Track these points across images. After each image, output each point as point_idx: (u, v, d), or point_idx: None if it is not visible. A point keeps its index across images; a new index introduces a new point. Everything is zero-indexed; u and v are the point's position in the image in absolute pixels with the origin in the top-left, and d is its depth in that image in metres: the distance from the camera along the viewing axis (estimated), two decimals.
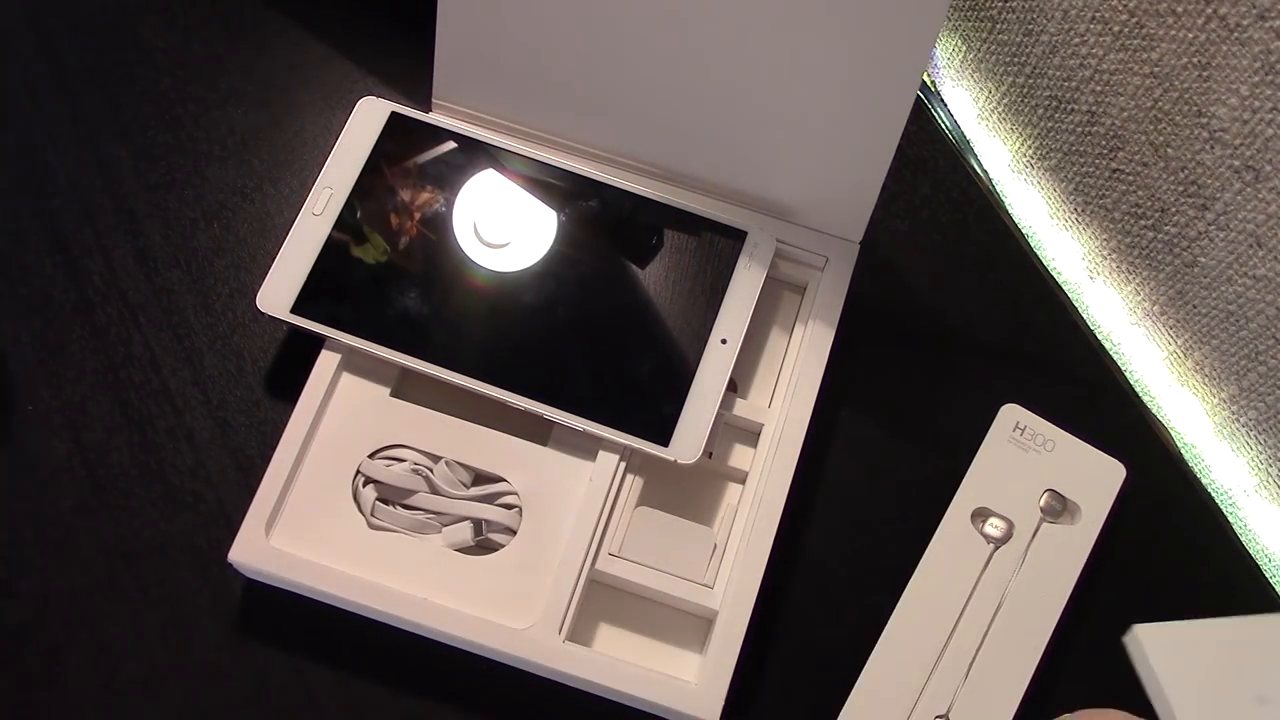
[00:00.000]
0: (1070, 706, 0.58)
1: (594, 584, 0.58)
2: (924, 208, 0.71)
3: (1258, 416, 0.63)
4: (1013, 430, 0.63)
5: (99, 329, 0.64)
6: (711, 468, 0.62)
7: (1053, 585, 0.60)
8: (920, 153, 0.73)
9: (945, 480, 0.62)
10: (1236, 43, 0.53)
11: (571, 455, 0.59)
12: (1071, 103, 0.67)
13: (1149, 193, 0.64)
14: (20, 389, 0.62)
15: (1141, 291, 0.68)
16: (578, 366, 0.60)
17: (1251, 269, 0.59)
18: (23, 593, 0.58)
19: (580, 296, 0.62)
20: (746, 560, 0.57)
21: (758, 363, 0.65)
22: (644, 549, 0.58)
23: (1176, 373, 0.69)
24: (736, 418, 0.62)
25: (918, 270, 0.70)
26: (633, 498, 0.59)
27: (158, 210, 0.67)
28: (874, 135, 0.60)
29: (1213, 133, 0.57)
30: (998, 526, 0.61)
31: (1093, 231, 0.71)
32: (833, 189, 0.63)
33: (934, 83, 0.79)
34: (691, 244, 0.63)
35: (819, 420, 0.62)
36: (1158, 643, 0.58)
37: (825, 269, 0.65)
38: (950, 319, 0.68)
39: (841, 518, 0.63)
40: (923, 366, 0.67)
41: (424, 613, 0.55)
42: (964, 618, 0.59)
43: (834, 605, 0.61)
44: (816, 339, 0.63)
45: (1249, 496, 0.67)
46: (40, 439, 0.61)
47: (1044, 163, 0.72)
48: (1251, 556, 0.64)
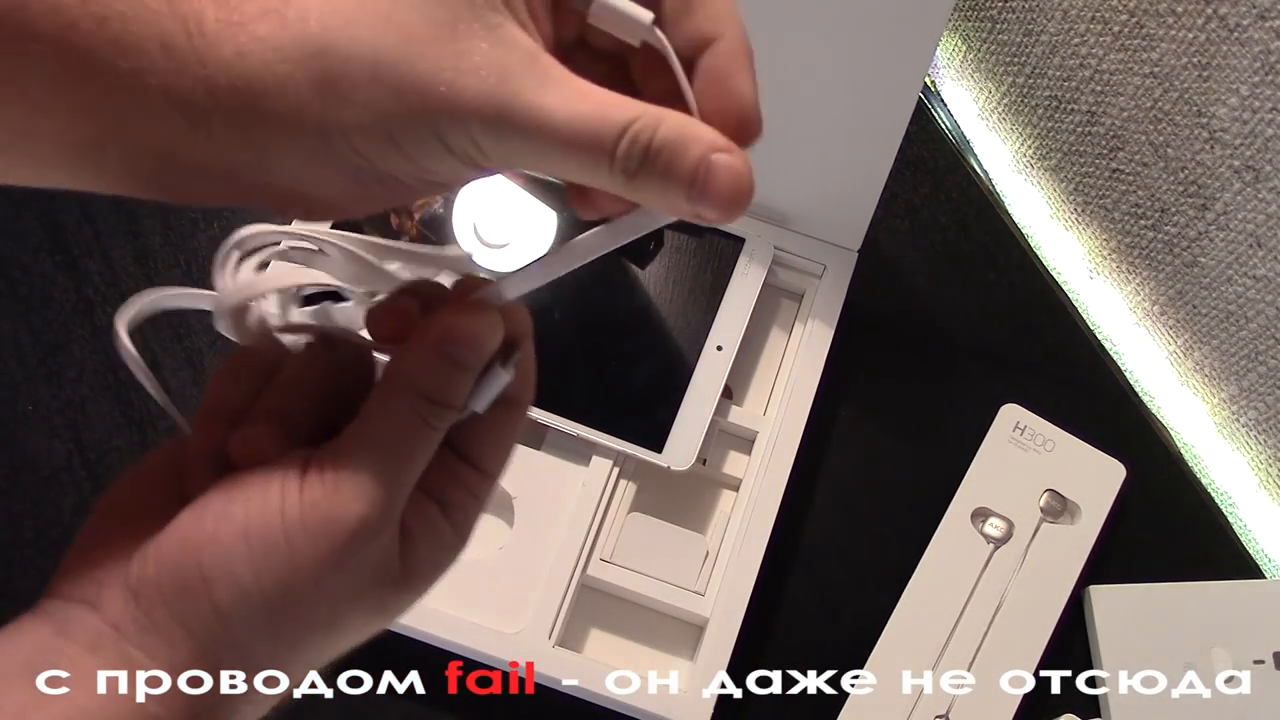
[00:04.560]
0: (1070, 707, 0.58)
1: (585, 589, 0.58)
2: (924, 208, 0.71)
3: (1258, 416, 0.63)
4: (1013, 430, 0.63)
5: (99, 329, 0.64)
6: (705, 474, 0.62)
7: (1053, 585, 0.60)
8: (920, 153, 0.72)
9: (945, 480, 0.62)
10: (1236, 43, 0.53)
11: (565, 460, 0.59)
12: (1071, 103, 0.67)
13: (1149, 193, 0.64)
14: (20, 389, 0.62)
15: (1141, 291, 0.68)
16: (572, 371, 0.60)
17: (1251, 269, 0.59)
18: (23, 592, 0.58)
19: (576, 301, 0.62)
20: (738, 567, 0.57)
21: (754, 370, 0.65)
22: (636, 555, 0.58)
23: (1177, 373, 0.69)
24: (731, 424, 0.61)
25: (918, 270, 0.69)
26: (625, 503, 0.59)
27: (158, 210, 0.67)
28: (873, 145, 0.60)
29: (1213, 133, 0.57)
30: (998, 526, 0.61)
31: (1093, 231, 0.71)
32: (831, 197, 0.63)
33: (934, 83, 0.79)
34: (689, 249, 0.63)
35: (818, 420, 0.62)
36: (1106, 604, 0.59)
37: (823, 276, 0.65)
38: (950, 319, 0.68)
39: (841, 518, 0.63)
40: (923, 367, 0.67)
41: (415, 616, 0.55)
42: (964, 618, 0.59)
43: (834, 605, 0.61)
44: (813, 347, 0.63)
45: (1249, 496, 0.67)
46: (40, 439, 0.61)
47: (1044, 163, 0.72)
48: (1251, 556, 0.63)
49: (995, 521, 0.61)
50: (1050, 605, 0.59)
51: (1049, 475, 0.62)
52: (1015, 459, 0.62)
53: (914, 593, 0.59)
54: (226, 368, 0.32)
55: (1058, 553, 0.60)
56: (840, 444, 0.64)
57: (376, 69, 0.26)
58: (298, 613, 0.29)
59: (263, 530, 0.28)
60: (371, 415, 0.30)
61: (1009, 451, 0.63)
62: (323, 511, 0.28)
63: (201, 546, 0.28)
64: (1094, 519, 0.61)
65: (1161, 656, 0.58)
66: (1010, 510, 0.61)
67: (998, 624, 0.59)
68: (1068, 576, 0.60)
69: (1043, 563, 0.60)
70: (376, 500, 0.29)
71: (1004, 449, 0.63)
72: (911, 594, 0.59)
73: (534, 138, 0.27)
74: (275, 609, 0.29)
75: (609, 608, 0.59)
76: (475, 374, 0.30)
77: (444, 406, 0.30)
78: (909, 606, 0.59)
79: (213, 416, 0.31)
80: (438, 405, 0.30)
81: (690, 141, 0.27)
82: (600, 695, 0.55)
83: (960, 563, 0.60)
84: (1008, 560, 0.60)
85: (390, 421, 0.29)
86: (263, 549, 0.28)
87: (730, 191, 0.27)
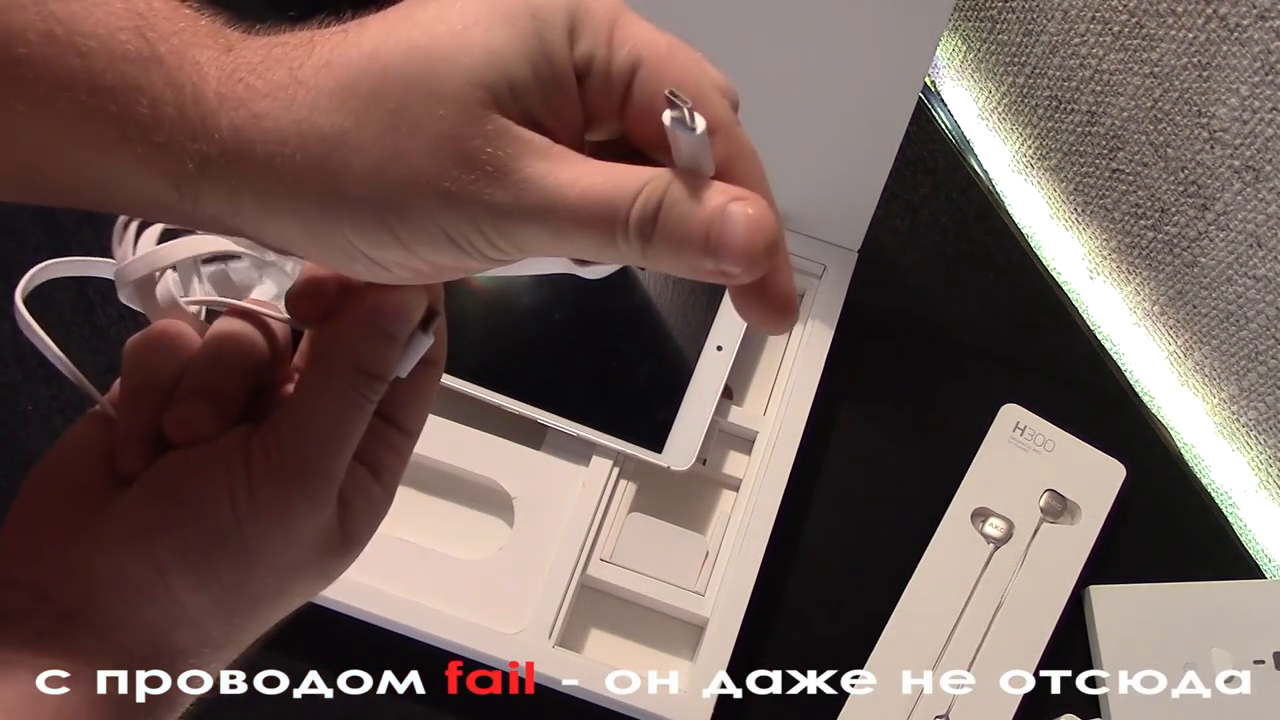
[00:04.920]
0: (1070, 707, 0.58)
1: (585, 589, 0.58)
2: (924, 208, 0.71)
3: (1258, 416, 0.63)
4: (1013, 430, 0.63)
5: (99, 329, 0.64)
6: (705, 475, 0.62)
7: (1053, 585, 0.60)
8: (920, 153, 0.72)
9: (945, 480, 0.62)
10: (1236, 43, 0.53)
11: (565, 460, 0.59)
12: (1071, 103, 0.67)
13: (1149, 193, 0.64)
14: (20, 389, 0.62)
15: (1141, 291, 0.68)
16: (572, 371, 0.60)
17: (1251, 269, 0.59)
18: None
19: (576, 301, 0.62)
20: (738, 567, 0.57)
21: (754, 370, 0.65)
22: (636, 555, 0.58)
23: (1177, 373, 0.69)
24: (731, 425, 0.61)
25: (918, 270, 0.69)
26: (625, 504, 0.59)
27: None
28: (873, 145, 0.60)
29: (1213, 133, 0.57)
30: (998, 526, 0.61)
31: (1093, 231, 0.70)
32: (831, 198, 0.63)
33: (934, 83, 0.79)
34: None
35: (818, 421, 0.62)
36: (1106, 604, 0.59)
37: (823, 277, 0.65)
38: (950, 319, 0.68)
39: (841, 518, 0.63)
40: (923, 367, 0.67)
41: (415, 616, 0.55)
42: (964, 618, 0.59)
43: (834, 605, 0.61)
44: (813, 347, 0.63)
45: (1249, 496, 0.67)
46: (40, 439, 0.61)
47: (1044, 163, 0.72)
48: (1251, 556, 0.63)
49: (995, 521, 0.61)
50: (1050, 605, 0.59)
51: (1049, 475, 0.62)
52: (1015, 459, 0.62)
53: (914, 593, 0.59)
54: (142, 343, 0.32)
55: (1058, 553, 0.60)
56: (840, 444, 0.64)
57: (383, 165, 0.25)
58: (248, 589, 0.30)
59: (212, 516, 0.29)
60: (309, 393, 0.31)
61: (1009, 451, 0.63)
62: (271, 494, 0.29)
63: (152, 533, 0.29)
64: (1094, 519, 0.61)
65: (1161, 656, 0.58)
66: (1010, 510, 0.61)
67: (998, 624, 0.59)
68: (1068, 576, 0.60)
69: (1043, 563, 0.60)
70: (322, 479, 0.30)
71: (1004, 449, 0.63)
72: (911, 594, 0.59)
73: (544, 221, 0.26)
74: (229, 589, 0.29)
75: (609, 608, 0.59)
76: (403, 344, 0.31)
77: (378, 379, 0.31)
78: (909, 606, 0.59)
79: (138, 393, 0.31)
80: (372, 378, 0.31)
81: (702, 193, 0.26)
82: (600, 695, 0.55)
83: (960, 563, 0.60)
84: (1008, 560, 0.60)
85: (329, 399, 0.30)
86: (215, 535, 0.29)
87: (748, 240, 0.25)
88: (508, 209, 0.26)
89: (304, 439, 0.30)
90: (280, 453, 0.29)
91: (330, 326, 0.31)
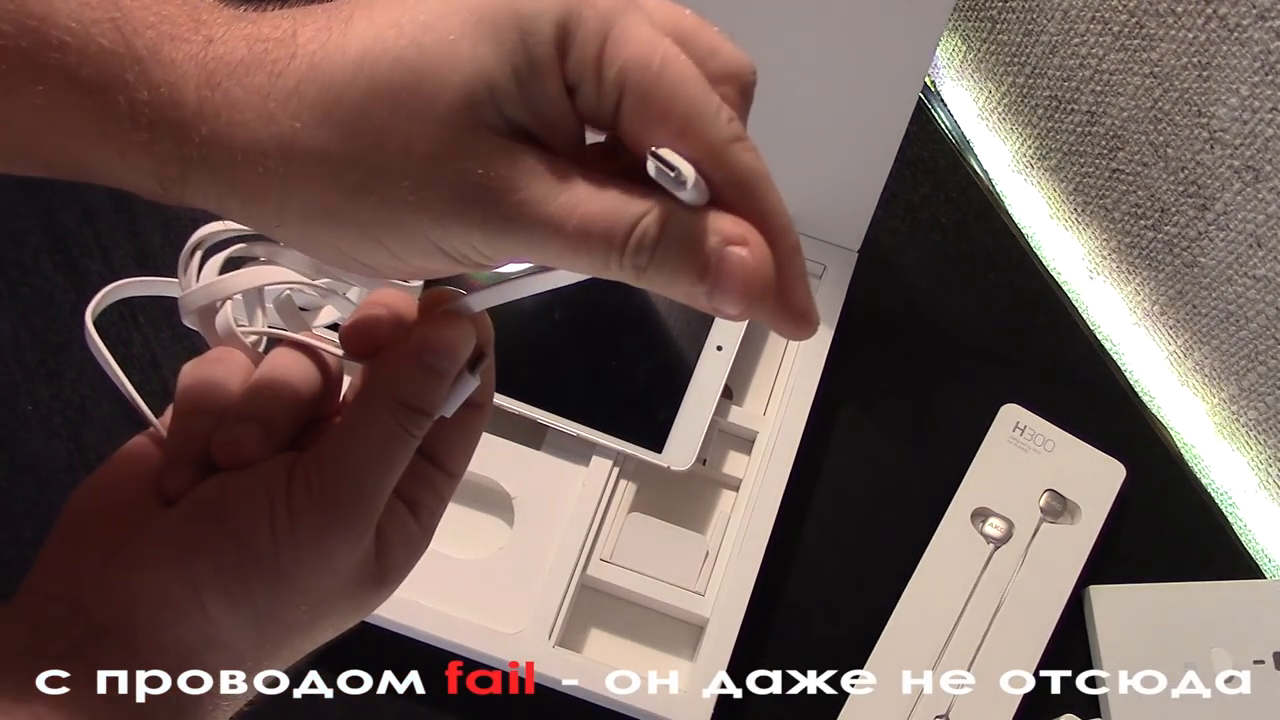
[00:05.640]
0: (1070, 707, 0.58)
1: (585, 589, 0.58)
2: (924, 208, 0.71)
3: (1258, 416, 0.63)
4: (1013, 430, 0.63)
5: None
6: (705, 474, 0.62)
7: (1053, 585, 0.60)
8: (920, 153, 0.72)
9: (945, 480, 0.62)
10: (1236, 43, 0.53)
11: (564, 460, 0.59)
12: (1071, 103, 0.67)
13: (1149, 193, 0.64)
14: (20, 389, 0.62)
15: (1141, 291, 0.68)
16: (572, 371, 0.60)
17: (1251, 269, 0.59)
18: None
19: (576, 301, 0.62)
20: (739, 567, 0.57)
21: (754, 370, 0.65)
22: (636, 555, 0.58)
23: (1176, 373, 0.69)
24: (731, 425, 0.61)
25: (918, 270, 0.69)
26: (625, 503, 0.59)
27: (158, 210, 0.67)
28: (873, 145, 0.60)
29: (1213, 133, 0.57)
30: (998, 526, 0.61)
31: (1093, 231, 0.71)
32: (831, 197, 0.63)
33: (934, 83, 0.79)
34: None
35: (818, 421, 0.62)
36: (1106, 604, 0.59)
37: (823, 276, 0.65)
38: (950, 319, 0.68)
39: (841, 518, 0.63)
40: (922, 367, 0.67)
41: (415, 616, 0.55)
42: (964, 618, 0.59)
43: (834, 605, 0.61)
44: (813, 346, 0.63)
45: (1249, 496, 0.67)
46: (40, 439, 0.61)
47: (1044, 163, 0.72)
48: (1251, 556, 0.63)
49: (995, 521, 0.61)
50: (1050, 605, 0.59)
51: (1049, 475, 0.62)
52: (1015, 459, 0.62)
53: (914, 593, 0.59)
54: (199, 368, 0.32)
55: (1058, 553, 0.60)
56: (840, 444, 0.64)
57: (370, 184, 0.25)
58: (282, 616, 0.29)
59: (251, 540, 0.29)
60: (354, 424, 0.30)
61: (1009, 451, 0.63)
62: (310, 521, 0.29)
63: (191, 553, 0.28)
64: (1094, 519, 0.61)
65: (1161, 656, 0.58)
66: (1010, 510, 0.61)
67: (998, 624, 0.59)
68: (1068, 576, 0.60)
69: (1043, 563, 0.60)
70: (362, 511, 0.30)
71: (1004, 449, 0.63)
72: (911, 594, 0.59)
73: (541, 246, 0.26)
74: (262, 614, 0.29)
75: (609, 608, 0.59)
76: (450, 381, 0.31)
77: (422, 414, 0.30)
78: (909, 606, 0.59)
79: (189, 416, 0.31)
80: (417, 413, 0.30)
81: (699, 232, 0.25)
82: (600, 695, 0.55)
83: (960, 563, 0.60)
84: (1008, 560, 0.60)
85: (373, 431, 0.30)
86: (252, 559, 0.29)
87: (744, 287, 0.25)
88: (502, 230, 0.25)
89: (345, 468, 0.29)
90: (321, 480, 0.29)
91: (378, 360, 0.31)
